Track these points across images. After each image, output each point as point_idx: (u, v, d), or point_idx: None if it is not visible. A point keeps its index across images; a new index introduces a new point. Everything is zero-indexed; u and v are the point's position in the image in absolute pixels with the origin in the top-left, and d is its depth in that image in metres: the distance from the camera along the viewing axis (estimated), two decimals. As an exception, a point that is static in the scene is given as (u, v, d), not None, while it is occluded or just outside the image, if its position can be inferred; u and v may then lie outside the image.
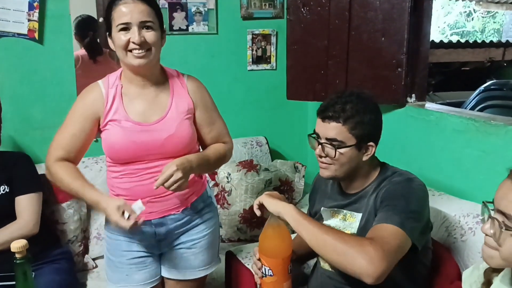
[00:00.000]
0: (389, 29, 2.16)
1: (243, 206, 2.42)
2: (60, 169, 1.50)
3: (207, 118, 1.63)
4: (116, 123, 1.50)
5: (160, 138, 1.50)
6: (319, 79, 2.38)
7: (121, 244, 1.61)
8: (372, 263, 1.16)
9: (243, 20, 2.72)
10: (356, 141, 1.37)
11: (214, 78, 2.72)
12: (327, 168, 1.41)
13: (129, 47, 1.43)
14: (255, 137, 2.77)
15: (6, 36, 2.26)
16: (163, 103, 1.54)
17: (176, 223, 1.61)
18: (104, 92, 1.52)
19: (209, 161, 1.60)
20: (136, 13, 1.41)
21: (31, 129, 2.37)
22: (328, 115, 1.37)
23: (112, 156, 1.54)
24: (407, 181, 1.39)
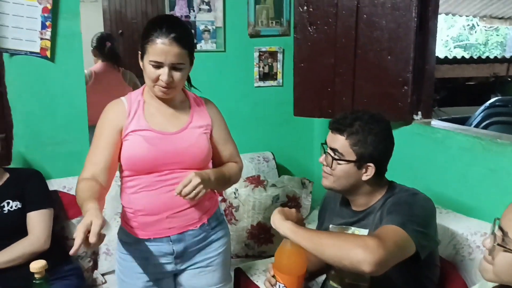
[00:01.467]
0: (395, 47, 2.19)
1: (250, 222, 2.43)
2: (80, 185, 1.48)
3: (223, 136, 1.70)
4: (137, 133, 1.54)
5: (181, 147, 1.55)
6: (326, 96, 2.41)
7: (136, 266, 1.61)
8: (369, 251, 1.17)
9: (250, 37, 2.77)
10: (355, 158, 1.41)
11: (222, 94, 2.75)
12: (327, 177, 1.48)
13: (158, 82, 1.49)
14: (262, 153, 2.80)
15: (18, 54, 2.30)
16: (183, 118, 1.60)
17: (193, 239, 1.62)
18: (126, 106, 1.57)
19: (224, 178, 1.65)
20: (170, 55, 1.45)
21: (41, 145, 2.40)
22: (335, 127, 1.44)
23: (132, 167, 1.55)
24: (412, 194, 1.43)
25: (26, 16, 2.27)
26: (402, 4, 2.14)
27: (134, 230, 1.59)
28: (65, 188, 2.28)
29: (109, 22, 5.00)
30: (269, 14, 2.77)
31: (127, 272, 1.64)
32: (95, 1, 4.99)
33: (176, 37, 1.45)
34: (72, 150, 2.42)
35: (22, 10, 2.26)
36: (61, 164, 2.41)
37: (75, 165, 2.39)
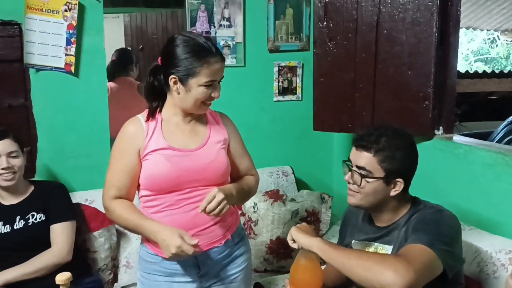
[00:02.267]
0: (415, 62, 2.18)
1: (269, 236, 2.43)
2: (117, 206, 1.54)
3: (239, 150, 1.71)
4: (157, 153, 1.53)
5: (203, 163, 1.55)
6: (346, 111, 2.40)
7: (160, 285, 1.60)
8: (399, 274, 1.17)
9: (270, 52, 2.79)
10: (384, 174, 1.40)
11: (241, 108, 2.78)
12: (353, 195, 1.45)
13: (207, 100, 1.53)
14: (281, 167, 2.80)
15: (44, 69, 2.36)
16: (201, 134, 1.61)
17: (218, 256, 1.62)
18: (144, 125, 1.57)
19: (244, 192, 1.67)
20: (222, 72, 1.54)
21: (65, 158, 2.45)
22: (361, 144, 1.43)
23: (153, 187, 1.54)
24: (438, 211, 1.41)
25: (52, 33, 2.34)
26: (423, 19, 2.14)
27: (158, 250, 1.55)
28: (87, 201, 2.31)
29: (130, 38, 5.10)
30: (289, 30, 2.79)
31: None
32: (117, 17, 5.10)
33: (221, 53, 1.53)
34: (94, 163, 2.46)
35: (49, 27, 2.32)
36: (84, 177, 2.45)
37: (97, 178, 2.43)
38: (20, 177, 1.93)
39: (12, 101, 2.35)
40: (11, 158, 1.89)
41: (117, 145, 1.59)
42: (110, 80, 3.36)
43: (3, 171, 1.86)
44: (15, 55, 2.31)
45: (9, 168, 1.87)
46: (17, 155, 1.91)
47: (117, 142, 1.59)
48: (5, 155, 1.87)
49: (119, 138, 1.59)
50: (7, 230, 1.90)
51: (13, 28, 2.29)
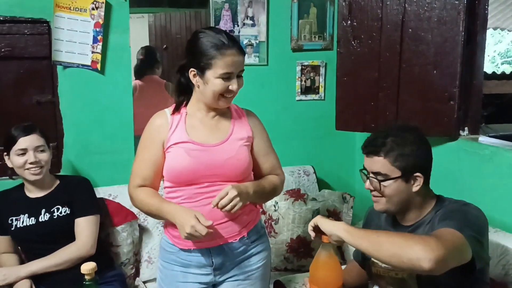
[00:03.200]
0: (441, 62, 2.15)
1: (290, 235, 2.42)
2: (140, 193, 1.61)
3: (263, 149, 1.69)
4: (178, 146, 1.57)
5: (221, 159, 1.56)
6: (369, 110, 2.39)
7: (176, 275, 1.64)
8: (429, 248, 1.15)
9: (293, 52, 2.79)
10: (400, 173, 1.39)
11: (263, 107, 2.76)
12: (378, 201, 1.45)
13: (226, 93, 1.53)
14: (302, 166, 2.79)
15: (71, 67, 2.41)
16: (224, 129, 1.62)
17: (233, 252, 1.63)
18: (169, 118, 1.61)
19: (264, 191, 1.65)
20: (239, 64, 1.53)
21: (89, 154, 2.49)
22: (370, 150, 1.43)
23: (173, 179, 1.59)
24: (464, 204, 1.41)
25: (79, 31, 2.38)
26: (449, 18, 2.11)
27: (175, 240, 1.62)
28: (110, 196, 2.35)
29: (154, 37, 5.16)
30: (312, 29, 2.78)
31: (167, 280, 1.67)
32: (141, 17, 5.17)
33: (239, 46, 1.54)
34: (118, 160, 2.50)
35: (76, 25, 2.37)
36: (107, 172, 2.49)
37: (120, 174, 2.47)
38: (47, 171, 1.98)
39: (40, 98, 2.41)
40: (38, 152, 1.93)
41: (143, 137, 1.64)
42: (137, 78, 3.42)
43: (31, 166, 1.91)
44: (43, 53, 2.37)
45: (36, 163, 1.91)
46: (44, 149, 1.95)
47: (144, 133, 1.64)
48: (32, 149, 1.91)
49: (146, 130, 1.64)
50: (32, 222, 1.95)
51: (42, 26, 2.35)
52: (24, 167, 1.91)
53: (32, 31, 2.34)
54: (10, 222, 1.94)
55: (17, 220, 1.94)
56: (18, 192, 2.01)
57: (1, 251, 1.99)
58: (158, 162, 1.60)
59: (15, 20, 2.31)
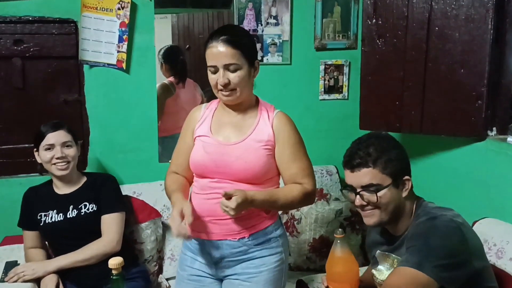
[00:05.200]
0: (468, 61, 2.12)
1: (312, 235, 2.41)
2: (169, 179, 1.71)
3: (287, 155, 1.62)
4: (200, 138, 1.65)
5: (230, 159, 1.57)
6: (394, 110, 2.36)
7: (186, 259, 1.73)
8: None
9: (316, 51, 2.77)
10: (391, 180, 1.37)
11: (286, 107, 2.71)
12: (372, 215, 1.41)
13: (218, 87, 1.56)
14: (325, 166, 2.77)
15: (97, 66, 2.45)
16: (246, 129, 1.63)
17: (231, 250, 1.61)
18: (202, 112, 1.71)
19: (276, 201, 1.58)
20: (222, 57, 1.52)
21: (114, 152, 2.53)
22: (355, 164, 1.39)
23: (192, 168, 1.68)
24: (429, 220, 1.34)
25: (105, 31, 2.42)
26: (477, 16, 2.07)
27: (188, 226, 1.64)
28: (135, 193, 2.38)
29: (177, 37, 5.20)
30: (336, 28, 2.76)
31: (180, 264, 1.76)
32: (165, 18, 5.21)
33: (226, 39, 1.52)
34: (142, 158, 2.54)
35: (102, 24, 2.41)
36: (132, 170, 2.53)
37: (144, 172, 2.50)
38: (73, 167, 2.02)
39: (67, 96, 2.46)
40: (65, 148, 1.97)
41: (183, 127, 1.75)
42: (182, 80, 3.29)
43: (57, 160, 1.95)
44: (71, 52, 2.41)
45: (63, 158, 1.95)
46: (71, 145, 2.00)
47: (184, 124, 1.75)
48: (59, 145, 1.96)
49: (185, 121, 1.75)
50: (60, 218, 1.99)
51: (69, 26, 2.39)
52: (51, 162, 1.96)
53: (59, 31, 2.39)
54: (39, 218, 1.99)
55: (45, 216, 1.98)
56: (47, 188, 2.06)
57: (29, 246, 2.04)
58: (190, 151, 1.67)
59: (43, 20, 2.36)
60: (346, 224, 2.41)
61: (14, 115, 2.42)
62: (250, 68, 1.59)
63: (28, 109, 2.42)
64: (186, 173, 1.72)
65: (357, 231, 2.44)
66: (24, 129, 2.39)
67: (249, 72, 1.59)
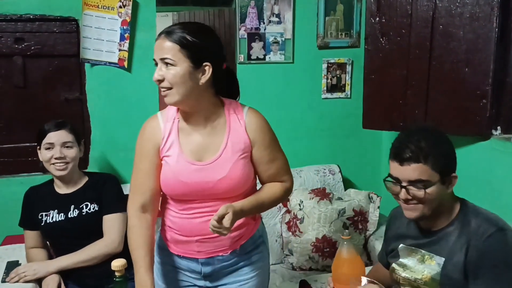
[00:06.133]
0: (473, 59, 2.10)
1: (315, 235, 2.40)
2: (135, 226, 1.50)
3: (265, 156, 1.53)
4: (169, 159, 1.47)
5: (213, 180, 1.45)
6: (397, 108, 2.34)
7: (170, 270, 1.61)
8: None
9: (319, 49, 2.75)
10: (439, 176, 1.33)
11: (289, 105, 2.77)
12: (414, 209, 1.36)
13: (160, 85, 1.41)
14: (327, 165, 2.76)
15: (98, 64, 2.43)
16: (218, 141, 1.48)
17: (223, 264, 1.56)
18: (162, 125, 1.50)
19: (263, 205, 1.54)
20: (159, 50, 1.38)
21: (116, 151, 2.52)
22: (405, 157, 1.32)
23: (165, 191, 1.52)
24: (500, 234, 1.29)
25: (107, 29, 2.41)
26: (482, 14, 2.05)
27: (168, 243, 1.60)
28: (136, 193, 2.35)
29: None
30: (339, 26, 2.75)
31: (162, 276, 1.63)
32: (166, 16, 5.20)
33: (169, 31, 1.39)
34: (144, 157, 2.51)
35: (104, 23, 2.39)
36: (133, 169, 2.50)
37: (146, 171, 2.48)
38: (73, 167, 2.00)
39: (68, 95, 2.44)
40: (65, 148, 1.95)
41: (138, 146, 1.53)
42: None
43: (56, 161, 1.93)
44: (72, 50, 2.40)
45: (62, 158, 1.94)
46: (72, 146, 1.97)
47: (138, 141, 1.53)
48: (59, 145, 1.94)
49: (140, 138, 1.53)
50: (61, 218, 1.97)
51: (70, 24, 2.38)
52: (50, 161, 1.94)
53: (61, 29, 2.37)
54: (40, 217, 1.97)
55: (46, 215, 1.97)
56: (48, 188, 2.04)
57: (30, 246, 2.02)
58: (158, 171, 1.49)
59: (45, 18, 2.35)
60: (349, 224, 2.40)
61: (15, 114, 2.40)
62: (194, 69, 1.39)
63: (29, 108, 2.40)
64: (155, 199, 1.53)
65: (360, 231, 2.42)
66: (25, 128, 2.38)
67: (190, 72, 1.38)
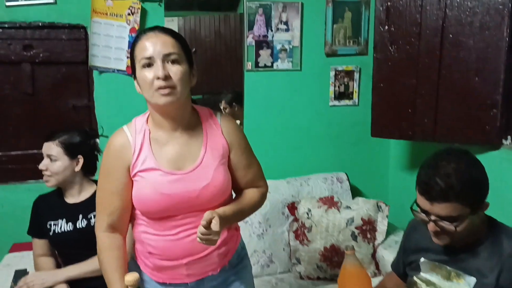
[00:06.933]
0: (483, 68, 2.09)
1: (323, 244, 2.38)
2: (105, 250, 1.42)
3: (242, 161, 1.47)
4: (145, 174, 1.35)
5: (196, 189, 1.34)
6: (406, 117, 2.33)
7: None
8: None
9: (326, 56, 2.75)
10: (471, 210, 1.26)
11: (296, 113, 2.76)
12: (444, 238, 1.32)
13: (155, 85, 1.27)
14: (335, 173, 2.75)
15: (107, 72, 2.43)
16: (196, 148, 1.39)
17: (213, 283, 1.47)
18: (131, 139, 1.37)
19: (243, 213, 1.47)
20: (159, 45, 1.28)
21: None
22: (434, 196, 1.25)
23: (142, 211, 1.39)
24: None
25: (115, 36, 2.41)
26: (492, 23, 2.04)
27: (148, 270, 1.46)
28: (144, 200, 2.35)
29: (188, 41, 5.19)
30: (347, 33, 2.74)
31: None
32: (171, 21, 5.21)
33: (162, 28, 1.33)
34: (151, 164, 2.51)
35: (112, 30, 2.40)
36: (141, 177, 2.50)
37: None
38: (59, 181, 1.93)
39: (77, 102, 2.45)
40: (50, 161, 1.89)
41: (103, 163, 1.40)
42: None
43: (43, 171, 1.92)
44: (80, 58, 2.40)
45: (44, 171, 1.91)
46: (55, 159, 1.90)
47: (104, 159, 1.40)
48: (46, 156, 1.91)
49: (105, 154, 1.40)
50: (70, 228, 1.96)
51: (79, 31, 2.38)
52: (42, 171, 1.94)
53: (69, 37, 2.38)
54: (48, 226, 1.96)
55: (55, 225, 1.96)
56: (57, 196, 2.03)
57: (38, 254, 2.01)
58: (125, 191, 1.37)
59: (53, 25, 2.35)
60: (357, 233, 2.38)
61: (23, 121, 2.41)
62: (189, 70, 1.34)
63: (37, 115, 2.41)
64: (123, 220, 1.41)
65: (369, 240, 2.40)
66: (33, 134, 2.39)
67: (188, 73, 1.33)
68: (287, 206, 2.54)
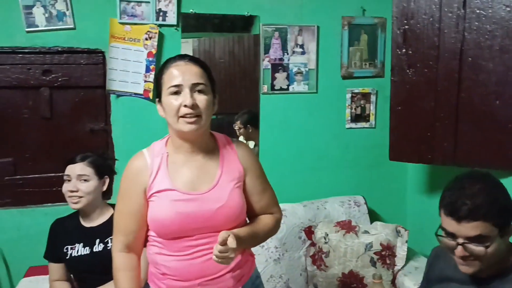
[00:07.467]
0: (504, 92, 2.06)
1: (341, 269, 2.34)
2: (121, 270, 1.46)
3: (257, 186, 1.49)
4: (161, 194, 1.38)
5: (211, 209, 1.37)
6: (425, 141, 2.30)
7: None
8: None
9: (343, 79, 2.74)
10: (498, 230, 1.24)
11: (312, 135, 2.75)
12: (472, 265, 1.28)
13: (180, 112, 1.33)
14: (353, 197, 2.71)
15: (124, 95, 2.45)
16: (213, 171, 1.42)
17: None
18: (149, 162, 1.42)
19: (257, 238, 1.49)
20: (188, 74, 1.34)
21: (139, 181, 2.50)
22: (462, 216, 1.24)
23: (157, 231, 1.41)
24: None
25: (133, 60, 2.43)
26: (512, 46, 2.02)
27: None
28: (160, 225, 2.33)
29: (206, 63, 5.22)
30: (363, 56, 2.74)
31: None
32: (186, 42, 5.27)
33: (192, 58, 1.39)
34: (167, 188, 2.50)
35: (130, 54, 2.42)
36: (157, 200, 2.49)
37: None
38: (90, 201, 1.95)
39: (94, 125, 2.46)
40: (80, 181, 1.92)
41: (122, 185, 1.45)
42: None
43: (70, 193, 1.91)
44: (98, 82, 2.42)
45: (74, 192, 1.91)
46: (87, 179, 1.94)
47: (122, 181, 1.45)
48: (75, 177, 1.92)
49: (124, 177, 1.45)
50: (86, 252, 1.95)
51: (97, 56, 2.41)
52: (66, 194, 1.93)
53: (87, 61, 2.41)
54: (65, 251, 1.96)
55: (72, 249, 1.95)
56: (74, 220, 2.03)
57: (54, 278, 2.00)
58: (141, 213, 1.41)
59: (72, 50, 2.39)
60: (376, 259, 2.33)
61: (41, 145, 2.43)
62: (213, 98, 1.41)
63: (54, 138, 2.43)
64: (138, 241, 1.45)
65: (388, 266, 2.35)
66: (50, 158, 2.40)
67: (212, 102, 1.40)
68: (304, 230, 2.50)
